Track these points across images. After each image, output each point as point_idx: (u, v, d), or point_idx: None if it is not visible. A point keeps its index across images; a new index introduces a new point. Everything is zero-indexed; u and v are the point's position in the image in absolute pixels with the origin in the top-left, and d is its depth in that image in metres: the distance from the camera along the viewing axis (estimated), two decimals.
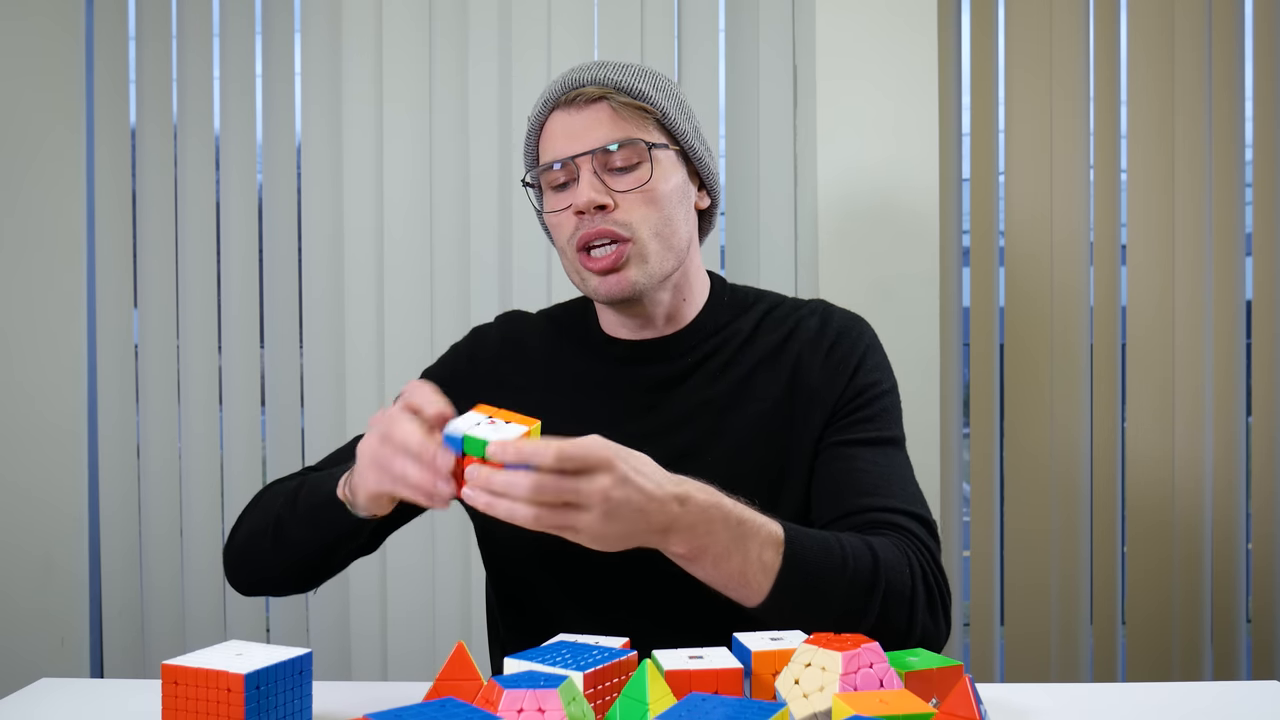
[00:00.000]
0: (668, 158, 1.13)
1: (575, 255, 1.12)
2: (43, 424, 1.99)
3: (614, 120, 1.11)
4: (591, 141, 1.10)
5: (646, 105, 1.12)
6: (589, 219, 1.10)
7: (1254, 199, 1.97)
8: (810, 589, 0.94)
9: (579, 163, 1.10)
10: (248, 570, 1.14)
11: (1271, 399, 1.97)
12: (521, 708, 0.70)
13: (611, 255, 1.10)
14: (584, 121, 1.11)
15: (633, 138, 1.11)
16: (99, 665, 2.04)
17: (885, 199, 1.81)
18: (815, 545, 0.96)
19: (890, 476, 1.11)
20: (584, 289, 1.15)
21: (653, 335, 1.19)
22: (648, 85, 1.13)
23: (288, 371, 1.99)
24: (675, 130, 1.14)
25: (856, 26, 1.81)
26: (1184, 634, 1.95)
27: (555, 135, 1.13)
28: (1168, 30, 1.93)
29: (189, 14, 1.97)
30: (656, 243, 1.11)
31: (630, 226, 1.10)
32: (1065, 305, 1.94)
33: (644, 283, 1.11)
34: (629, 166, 1.11)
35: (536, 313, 1.30)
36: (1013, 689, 0.95)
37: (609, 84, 1.11)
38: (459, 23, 1.92)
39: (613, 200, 1.10)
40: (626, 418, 1.15)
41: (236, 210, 1.99)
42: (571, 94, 1.12)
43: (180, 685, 0.78)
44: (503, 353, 1.24)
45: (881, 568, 0.98)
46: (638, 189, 1.10)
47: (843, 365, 1.17)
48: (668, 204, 1.12)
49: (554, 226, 1.15)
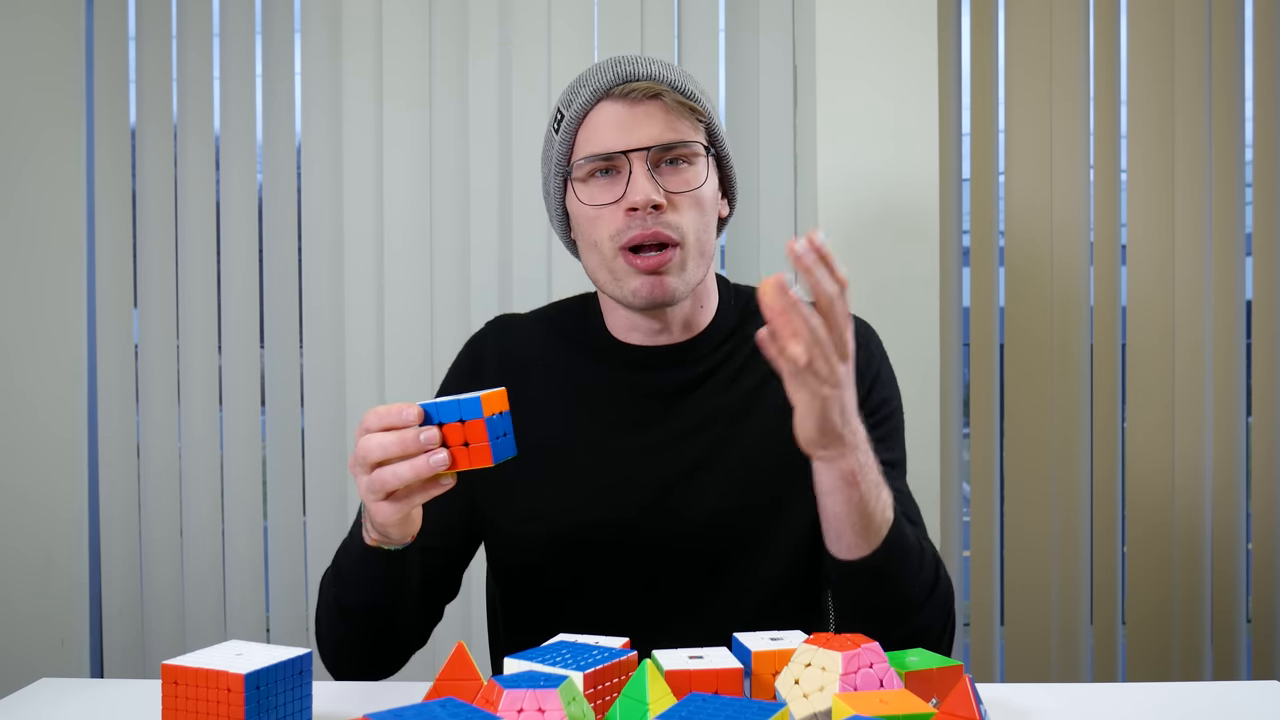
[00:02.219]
0: (710, 163, 1.12)
1: (617, 254, 1.08)
2: (43, 424, 1.98)
3: (668, 119, 1.08)
4: (648, 138, 1.07)
5: (698, 108, 1.10)
6: (641, 218, 1.06)
7: (1254, 199, 1.97)
8: (904, 556, 1.02)
9: (632, 158, 1.07)
10: (345, 661, 1.10)
11: (1271, 399, 1.97)
12: (521, 708, 0.70)
13: (658, 257, 1.07)
14: (639, 116, 1.07)
15: (689, 139, 1.09)
16: (99, 665, 2.04)
17: (885, 199, 1.81)
18: (908, 527, 1.03)
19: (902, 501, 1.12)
20: (616, 291, 1.11)
21: (667, 341, 1.16)
22: (695, 88, 1.11)
23: (288, 372, 1.99)
24: (716, 136, 1.13)
25: (856, 26, 1.81)
26: (1184, 634, 1.95)
27: (605, 126, 1.08)
28: (1168, 30, 1.93)
29: (189, 14, 1.97)
30: (696, 248, 1.09)
31: (680, 229, 1.07)
32: (1065, 305, 1.94)
33: (682, 291, 1.09)
34: (678, 168, 1.09)
35: (529, 314, 1.26)
36: (1013, 689, 0.95)
37: (664, 81, 1.09)
38: (459, 22, 1.92)
39: (666, 200, 1.07)
40: (640, 425, 1.14)
41: (236, 210, 1.99)
42: (626, 87, 1.08)
43: (180, 685, 0.78)
44: (504, 367, 1.20)
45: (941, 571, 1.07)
46: (689, 191, 1.08)
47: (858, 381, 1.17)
48: (710, 209, 1.11)
49: (590, 219, 1.10)
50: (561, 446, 1.15)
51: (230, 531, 1.99)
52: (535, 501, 1.14)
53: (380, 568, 1.01)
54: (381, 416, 0.89)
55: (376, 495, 0.90)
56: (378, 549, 0.99)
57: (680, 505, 1.13)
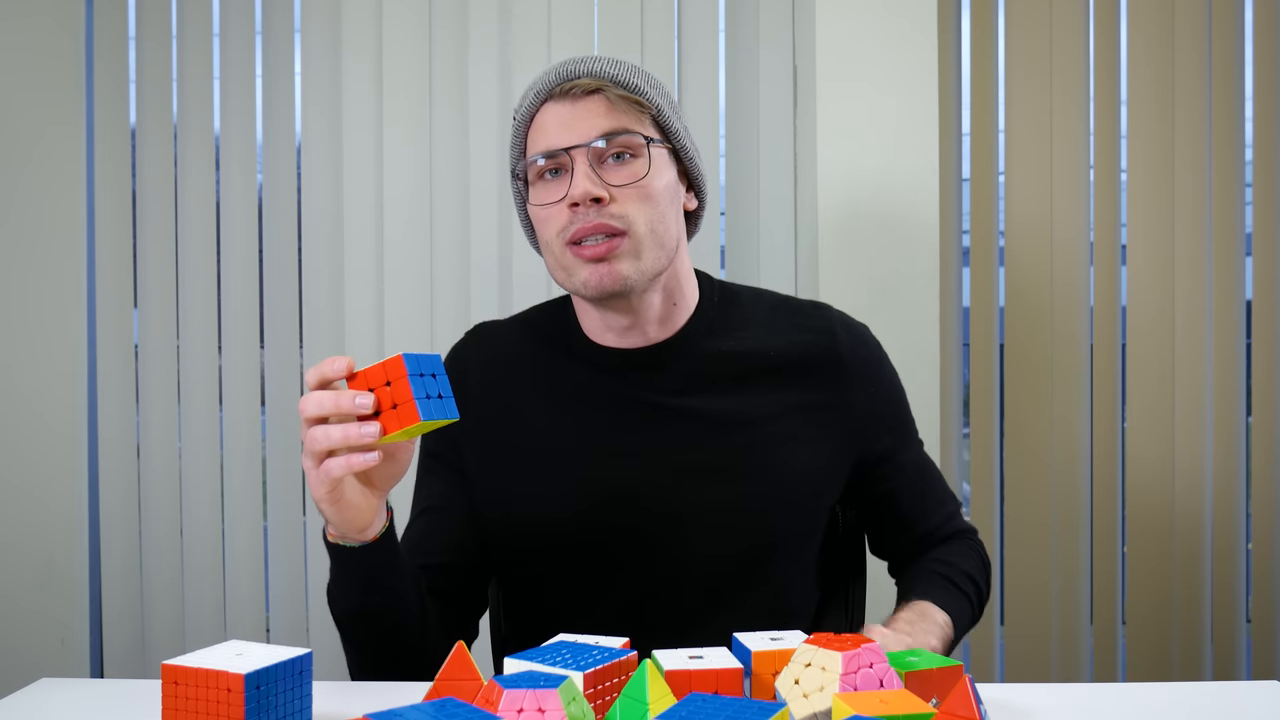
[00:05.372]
0: (660, 155, 1.11)
1: (564, 249, 1.08)
2: (43, 424, 1.99)
3: (610, 113, 1.08)
4: (587, 133, 1.07)
5: (642, 100, 1.09)
6: (583, 212, 1.06)
7: (1254, 199, 1.97)
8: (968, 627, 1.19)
9: (574, 155, 1.07)
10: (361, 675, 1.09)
11: (1271, 399, 1.97)
12: (521, 708, 0.70)
13: (604, 245, 1.06)
14: (579, 113, 1.08)
15: (630, 130, 1.08)
16: (99, 665, 2.04)
17: (885, 199, 1.81)
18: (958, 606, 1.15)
19: (935, 482, 1.26)
20: (570, 285, 1.10)
21: (642, 342, 1.15)
22: (642, 81, 1.11)
23: (288, 372, 1.99)
24: (668, 128, 1.12)
25: (856, 27, 1.81)
26: (1184, 634, 1.95)
27: (548, 126, 1.09)
28: (1168, 30, 1.93)
29: (189, 14, 1.97)
30: (650, 239, 1.08)
31: (626, 220, 1.07)
32: (1065, 305, 1.94)
33: (635, 278, 1.08)
34: (624, 161, 1.08)
35: (509, 320, 1.26)
36: (1013, 689, 0.95)
37: (605, 76, 1.09)
38: (459, 23, 1.92)
39: (608, 193, 1.06)
40: (629, 431, 1.13)
41: (236, 210, 1.99)
42: (566, 85, 1.08)
43: (180, 685, 0.78)
44: (488, 375, 1.19)
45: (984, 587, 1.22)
46: (633, 183, 1.08)
47: (868, 377, 1.18)
48: (661, 200, 1.10)
49: (541, 220, 1.10)
50: (549, 449, 1.15)
51: (230, 531, 1.99)
52: (529, 504, 1.14)
53: (350, 565, 0.99)
54: (317, 369, 0.90)
55: (313, 461, 0.90)
56: (343, 547, 0.98)
57: (664, 506, 1.12)
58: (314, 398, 0.89)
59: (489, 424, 1.16)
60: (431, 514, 1.17)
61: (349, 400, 0.87)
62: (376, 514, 0.98)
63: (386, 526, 0.99)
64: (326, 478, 0.90)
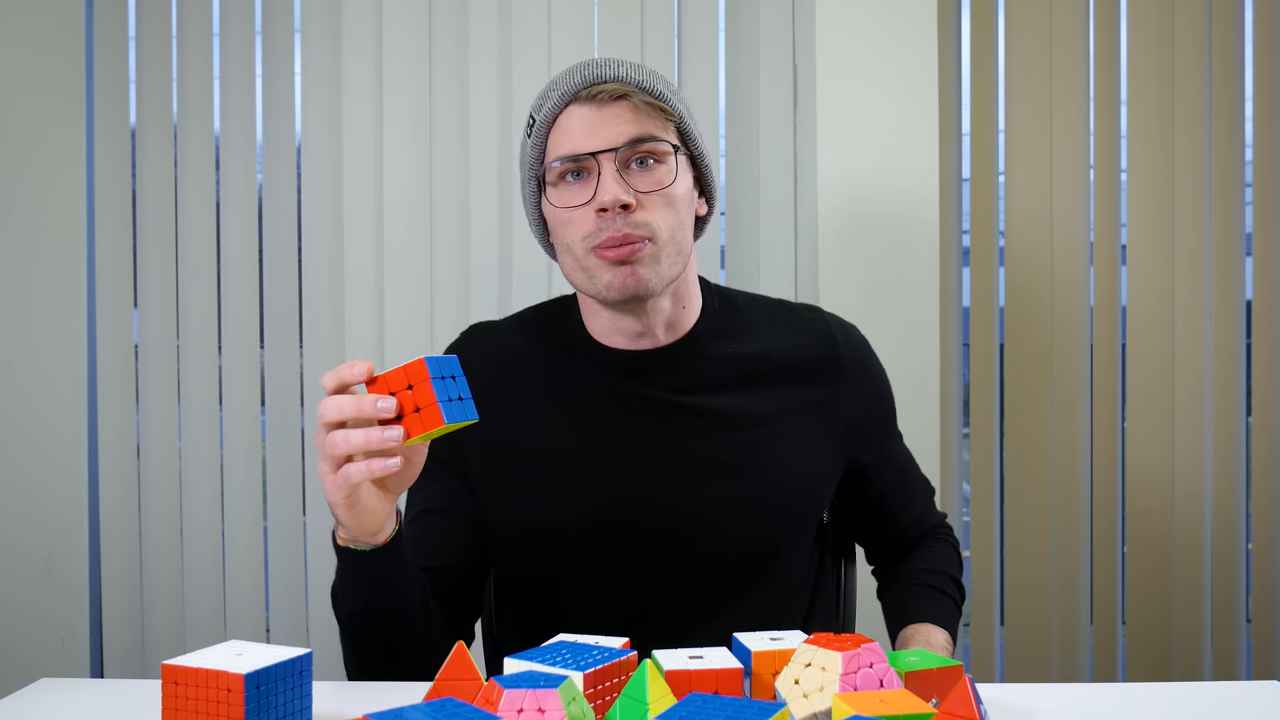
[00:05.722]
0: (682, 162, 1.11)
1: (587, 252, 1.08)
2: (43, 424, 1.99)
3: (637, 119, 1.08)
4: (615, 138, 1.07)
5: (666, 107, 1.09)
6: (610, 219, 1.06)
7: (1254, 199, 1.97)
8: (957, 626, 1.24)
9: (601, 159, 1.07)
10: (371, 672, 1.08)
11: (1271, 399, 1.97)
12: (521, 708, 0.70)
13: (631, 247, 1.06)
14: (605, 117, 1.08)
15: (658, 137, 1.09)
16: (99, 665, 2.04)
17: (885, 199, 1.81)
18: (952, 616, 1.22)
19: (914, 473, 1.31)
20: (591, 288, 1.10)
21: (651, 345, 1.16)
22: (665, 88, 1.12)
23: (288, 372, 1.99)
24: (689, 135, 1.13)
25: (856, 27, 1.81)
26: (1184, 634, 1.95)
27: (573, 129, 1.08)
28: (1168, 30, 1.93)
29: (189, 14, 1.97)
30: (671, 245, 1.09)
31: (650, 227, 1.07)
32: (1065, 305, 1.94)
33: (655, 283, 1.08)
34: (648, 167, 1.08)
35: (504, 320, 1.25)
36: (1013, 689, 0.95)
37: (631, 82, 1.09)
38: (459, 23, 1.92)
39: (635, 200, 1.07)
40: (635, 431, 1.14)
41: (236, 210, 1.99)
42: (594, 89, 1.08)
43: (180, 685, 0.78)
44: (487, 374, 1.17)
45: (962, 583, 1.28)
46: (659, 190, 1.08)
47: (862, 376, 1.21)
48: (682, 207, 1.11)
49: (563, 222, 1.10)
50: (552, 449, 1.15)
51: (230, 531, 1.99)
52: (534, 505, 1.14)
53: (359, 568, 0.99)
54: (335, 373, 0.88)
55: (330, 466, 0.89)
56: (352, 550, 0.98)
57: (671, 505, 1.13)
58: (334, 402, 0.88)
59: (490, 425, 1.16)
60: (430, 516, 1.17)
61: (370, 405, 0.86)
62: (388, 517, 0.98)
63: (397, 529, 0.99)
64: (345, 483, 0.89)
